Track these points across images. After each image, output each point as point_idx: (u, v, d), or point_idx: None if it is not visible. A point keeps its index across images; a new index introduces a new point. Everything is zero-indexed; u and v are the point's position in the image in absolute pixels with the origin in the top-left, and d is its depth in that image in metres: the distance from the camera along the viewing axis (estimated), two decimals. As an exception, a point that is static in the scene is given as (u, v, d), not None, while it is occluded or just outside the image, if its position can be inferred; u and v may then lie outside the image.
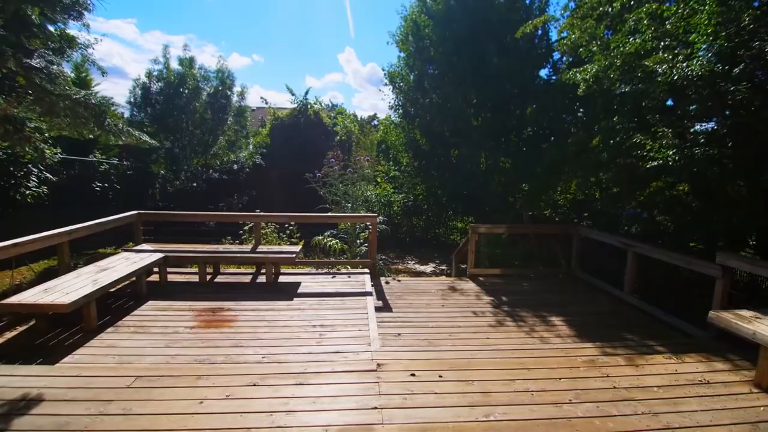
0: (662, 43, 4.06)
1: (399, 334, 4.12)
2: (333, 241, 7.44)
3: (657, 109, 4.21)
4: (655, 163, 3.92)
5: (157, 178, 12.99)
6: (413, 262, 11.92)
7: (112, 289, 4.38)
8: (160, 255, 5.13)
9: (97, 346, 3.58)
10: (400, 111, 11.82)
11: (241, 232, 8.07)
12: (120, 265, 4.70)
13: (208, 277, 5.57)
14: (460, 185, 10.43)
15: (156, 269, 5.34)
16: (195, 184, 12.68)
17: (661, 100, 4.20)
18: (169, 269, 5.65)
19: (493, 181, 11.18)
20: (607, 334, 4.13)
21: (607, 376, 2.99)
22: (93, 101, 4.97)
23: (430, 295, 5.40)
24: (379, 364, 3.04)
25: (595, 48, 4.72)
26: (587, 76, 4.22)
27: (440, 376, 2.90)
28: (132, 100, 12.56)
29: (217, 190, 13.26)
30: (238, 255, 5.40)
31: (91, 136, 6.13)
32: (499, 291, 5.62)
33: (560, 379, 2.92)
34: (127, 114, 12.88)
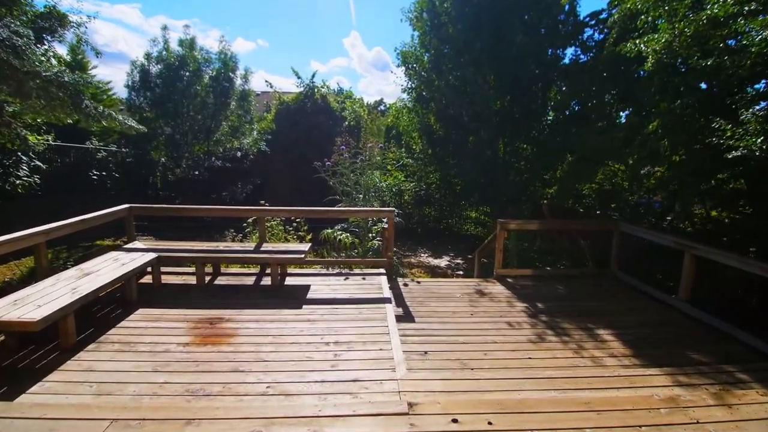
0: (746, 8, 3.34)
1: (426, 353, 3.54)
2: (344, 235, 6.86)
3: (735, 87, 3.51)
4: (738, 153, 3.25)
5: (158, 166, 12.43)
6: (426, 255, 11.33)
7: (102, 294, 3.82)
8: (152, 255, 4.57)
9: (74, 369, 3.03)
10: (413, 94, 11.09)
11: (245, 224, 7.50)
12: (106, 267, 4.14)
13: (207, 278, 5.01)
14: (478, 173, 9.74)
15: (150, 268, 4.78)
16: (197, 172, 12.10)
17: (741, 77, 3.49)
18: (164, 269, 5.10)
19: (512, 169, 10.48)
20: (672, 355, 3.53)
21: (698, 422, 2.38)
22: (66, 79, 4.31)
23: (455, 300, 4.81)
24: (410, 404, 2.46)
25: (652, 16, 3.98)
26: (657, 47, 3.50)
27: (489, 423, 2.31)
28: (130, 83, 11.91)
29: (220, 178, 12.67)
30: (240, 255, 4.81)
31: (70, 121, 5.50)
32: (532, 295, 5.01)
33: (641, 427, 2.32)
34: (125, 98, 12.27)
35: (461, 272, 9.44)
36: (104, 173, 11.05)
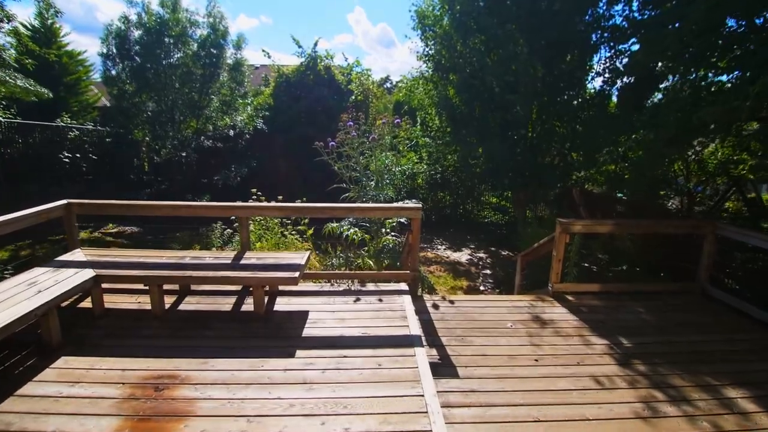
0: None
1: (486, 445, 2.26)
2: (351, 230, 5.56)
3: None
4: None
5: (142, 147, 11.06)
6: (444, 247, 10.03)
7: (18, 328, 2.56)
8: (88, 275, 3.27)
9: None
10: (431, 63, 9.55)
11: (233, 218, 6.22)
12: (13, 298, 2.84)
13: (171, 299, 3.74)
14: (512, 154, 8.32)
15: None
16: (184, 154, 10.70)
17: None
18: (113, 285, 3.83)
19: (542, 151, 9.07)
20: None
21: None
22: None
23: (507, 333, 3.51)
24: None
25: None
26: None
27: None
28: (105, 51, 10.40)
29: (210, 160, 11.29)
30: (211, 273, 3.47)
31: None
32: (608, 325, 3.70)
33: None
34: (100, 68, 10.83)
35: (488, 271, 8.16)
36: (78, 155, 9.71)
